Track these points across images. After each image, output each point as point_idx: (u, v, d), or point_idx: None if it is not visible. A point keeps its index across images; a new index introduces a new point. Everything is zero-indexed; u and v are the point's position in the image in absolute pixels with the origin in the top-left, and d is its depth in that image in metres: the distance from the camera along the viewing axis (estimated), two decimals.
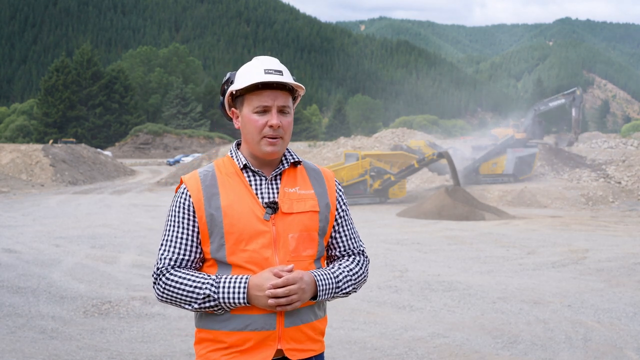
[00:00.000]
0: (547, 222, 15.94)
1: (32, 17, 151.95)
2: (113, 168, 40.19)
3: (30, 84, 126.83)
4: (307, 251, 2.06)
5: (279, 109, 2.04)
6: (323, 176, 2.18)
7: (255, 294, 1.94)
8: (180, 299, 1.99)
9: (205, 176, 2.08)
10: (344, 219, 2.19)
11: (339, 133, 74.50)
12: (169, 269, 2.02)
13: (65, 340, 5.65)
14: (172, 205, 2.09)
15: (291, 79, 2.08)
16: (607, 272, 8.91)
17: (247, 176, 2.09)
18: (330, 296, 2.06)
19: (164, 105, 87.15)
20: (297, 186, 2.10)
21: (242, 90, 2.05)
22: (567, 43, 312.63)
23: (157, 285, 2.03)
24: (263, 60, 2.09)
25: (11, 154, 33.68)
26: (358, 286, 2.15)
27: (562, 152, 28.07)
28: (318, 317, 2.10)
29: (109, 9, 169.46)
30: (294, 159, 2.14)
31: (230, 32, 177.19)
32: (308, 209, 2.07)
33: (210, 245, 2.02)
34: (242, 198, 2.03)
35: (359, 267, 2.16)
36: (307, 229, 2.06)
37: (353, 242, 2.20)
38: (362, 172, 21.23)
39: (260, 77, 2.01)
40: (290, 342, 2.01)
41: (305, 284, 1.96)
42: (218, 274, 2.01)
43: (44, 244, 11.25)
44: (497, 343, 5.57)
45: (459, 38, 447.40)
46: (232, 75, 2.14)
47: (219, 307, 1.97)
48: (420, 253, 10.71)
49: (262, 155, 2.07)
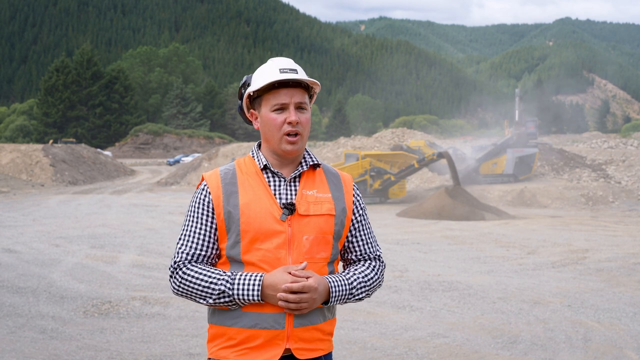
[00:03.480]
0: (547, 222, 15.94)
1: (32, 17, 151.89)
2: (113, 168, 40.19)
3: (30, 84, 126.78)
4: (321, 254, 2.09)
5: (296, 106, 2.10)
6: (341, 180, 2.21)
7: (268, 293, 1.99)
8: (196, 293, 2.03)
9: (225, 174, 2.13)
10: (362, 223, 2.22)
11: (339, 133, 74.48)
12: (186, 264, 2.07)
13: (65, 340, 5.65)
14: (192, 201, 2.14)
15: (306, 76, 2.13)
16: (607, 272, 8.91)
17: (267, 177, 2.13)
18: (343, 302, 2.10)
19: (164, 105, 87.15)
20: (315, 189, 2.14)
21: (259, 91, 2.11)
22: (567, 43, 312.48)
23: (174, 279, 2.08)
24: (277, 61, 2.14)
25: (11, 154, 33.68)
26: (372, 292, 2.19)
27: (562, 152, 28.07)
28: (327, 318, 2.13)
29: (109, 9, 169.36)
30: (314, 162, 2.18)
31: (230, 32, 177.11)
32: (324, 212, 2.10)
33: (227, 241, 2.06)
34: (261, 198, 2.07)
35: (374, 272, 2.19)
36: (322, 231, 2.09)
37: (369, 247, 2.22)
38: (362, 172, 21.23)
39: (276, 76, 2.07)
40: (299, 342, 2.04)
41: (318, 294, 2.01)
42: (231, 271, 2.05)
43: (44, 244, 11.25)
44: (497, 343, 5.57)
45: (459, 38, 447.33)
46: (249, 78, 2.19)
47: (233, 302, 2.01)
48: (420, 253, 10.71)
49: (283, 154, 2.11)
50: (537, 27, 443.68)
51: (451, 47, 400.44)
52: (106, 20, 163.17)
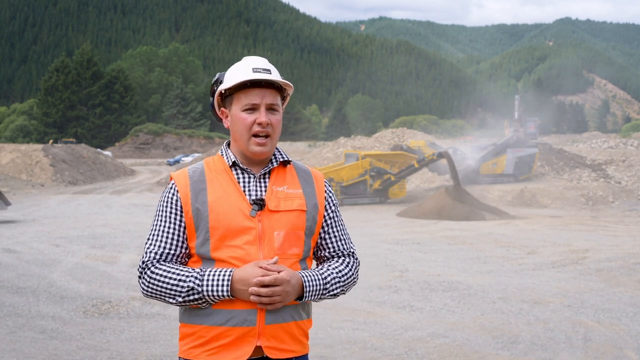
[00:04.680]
0: (547, 222, 15.94)
1: (32, 17, 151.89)
2: (113, 168, 40.18)
3: (30, 84, 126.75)
4: (293, 250, 2.06)
5: (267, 107, 2.06)
6: (312, 177, 2.18)
7: (239, 288, 1.95)
8: (165, 292, 1.99)
9: (194, 172, 2.10)
10: (334, 220, 2.18)
11: (339, 133, 74.38)
12: (154, 263, 2.03)
13: (65, 340, 5.65)
14: (160, 201, 2.11)
15: (279, 77, 2.10)
16: (607, 272, 8.91)
17: (236, 173, 2.10)
18: (317, 298, 2.06)
19: (164, 105, 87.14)
20: (286, 185, 2.11)
21: (231, 90, 2.08)
22: (567, 43, 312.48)
23: (143, 279, 2.04)
24: (251, 60, 2.11)
25: (11, 154, 33.68)
26: (347, 288, 2.14)
27: (562, 152, 28.07)
28: (302, 317, 2.08)
29: (109, 9, 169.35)
30: (284, 158, 2.15)
31: (230, 32, 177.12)
32: (295, 208, 2.07)
33: (196, 239, 2.03)
34: (230, 194, 2.05)
35: (348, 268, 2.15)
36: (293, 227, 2.06)
37: (343, 244, 2.19)
38: (362, 172, 21.23)
39: (249, 75, 2.04)
40: (270, 339, 2.00)
41: (291, 287, 1.96)
42: (200, 268, 2.01)
43: (44, 244, 11.25)
44: (497, 343, 5.57)
45: (459, 38, 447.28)
46: (221, 75, 2.16)
47: (203, 300, 1.97)
48: (420, 253, 10.71)
49: (251, 155, 2.08)
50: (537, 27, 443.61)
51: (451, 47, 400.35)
52: (106, 20, 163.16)
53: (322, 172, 21.26)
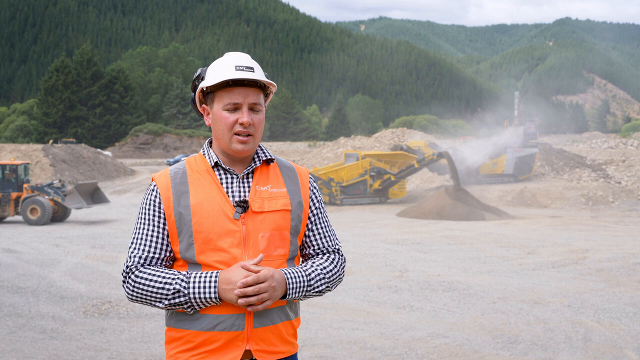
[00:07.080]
0: (547, 222, 15.94)
1: (32, 17, 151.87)
2: (113, 168, 40.18)
3: (30, 84, 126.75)
4: (279, 250, 2.02)
5: (249, 107, 2.01)
6: (297, 174, 2.14)
7: (224, 288, 1.91)
8: (150, 295, 1.95)
9: (175, 174, 2.05)
10: (318, 216, 2.14)
11: (339, 133, 74.45)
12: (138, 267, 1.99)
13: (65, 340, 5.65)
14: (142, 203, 2.06)
15: (263, 75, 2.05)
16: (607, 272, 8.91)
17: (219, 174, 2.05)
18: (302, 295, 2.01)
19: (164, 105, 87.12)
20: (270, 184, 2.06)
21: (212, 87, 2.02)
22: (567, 43, 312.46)
23: (127, 284, 1.99)
24: (234, 57, 2.05)
25: (11, 154, 33.69)
26: (332, 285, 2.10)
27: (562, 152, 28.07)
28: (289, 318, 2.05)
29: (109, 9, 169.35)
30: (267, 157, 2.10)
31: (230, 32, 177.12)
32: (279, 208, 2.03)
33: (180, 244, 1.99)
34: (212, 196, 2.00)
35: (334, 265, 2.11)
36: (278, 228, 2.02)
37: (328, 240, 2.15)
38: (362, 172, 21.23)
39: (231, 74, 1.97)
40: (260, 343, 1.97)
41: (276, 282, 1.92)
42: (186, 272, 1.98)
43: (44, 244, 11.25)
44: (497, 343, 5.57)
45: (459, 38, 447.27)
46: (203, 71, 2.09)
47: (189, 304, 1.93)
48: (420, 253, 10.71)
49: (232, 153, 2.04)
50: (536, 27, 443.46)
51: (451, 47, 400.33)
52: (106, 20, 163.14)
53: (322, 172, 21.39)
